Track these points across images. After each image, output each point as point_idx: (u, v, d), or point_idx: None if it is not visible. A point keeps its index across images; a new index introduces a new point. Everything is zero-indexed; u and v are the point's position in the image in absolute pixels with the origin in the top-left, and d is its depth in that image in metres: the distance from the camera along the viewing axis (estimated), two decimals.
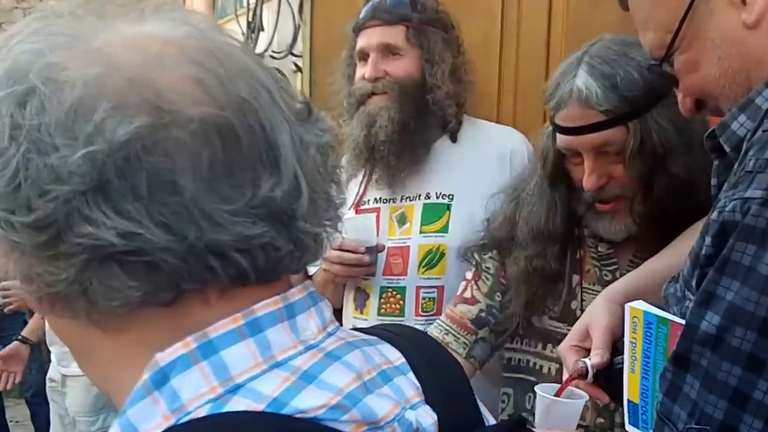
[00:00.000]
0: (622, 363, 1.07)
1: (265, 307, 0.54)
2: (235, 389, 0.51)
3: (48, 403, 3.58)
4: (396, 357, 0.61)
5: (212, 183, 0.49)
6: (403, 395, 0.58)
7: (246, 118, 0.51)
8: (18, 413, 4.38)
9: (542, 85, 1.36)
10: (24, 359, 3.26)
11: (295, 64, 3.56)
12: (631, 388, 1.05)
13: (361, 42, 1.75)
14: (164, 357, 0.52)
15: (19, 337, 3.26)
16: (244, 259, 0.51)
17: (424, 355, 0.64)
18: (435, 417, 0.58)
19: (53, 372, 3.04)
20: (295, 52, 3.54)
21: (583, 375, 1.10)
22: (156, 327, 0.53)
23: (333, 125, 0.59)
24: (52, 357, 3.04)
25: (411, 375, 0.60)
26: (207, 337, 0.52)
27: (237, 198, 0.50)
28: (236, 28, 4.33)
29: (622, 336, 1.07)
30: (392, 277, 1.74)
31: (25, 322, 3.41)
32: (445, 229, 1.70)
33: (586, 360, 1.11)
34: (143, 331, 0.54)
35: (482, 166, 1.72)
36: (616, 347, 1.12)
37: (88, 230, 0.48)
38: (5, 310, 3.01)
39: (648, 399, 1.02)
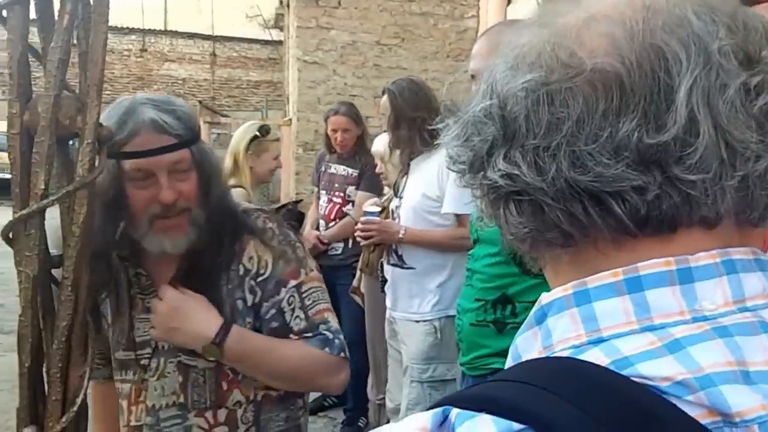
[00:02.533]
0: None
1: (651, 266, 0.56)
2: (598, 341, 0.55)
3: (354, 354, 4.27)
4: None
5: (586, 127, 0.55)
6: None
7: (648, 66, 0.54)
8: None
9: None
10: None
11: None
12: None
13: None
14: (547, 297, 0.60)
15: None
16: (616, 203, 0.55)
17: None
18: None
19: (389, 316, 3.34)
20: None
21: None
22: (558, 263, 0.62)
23: None
24: (388, 302, 3.32)
25: None
26: (585, 285, 0.57)
27: (602, 139, 0.55)
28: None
29: None
30: None
31: (354, 274, 4.08)
32: None
33: None
34: (551, 263, 0.64)
35: None
36: None
37: (489, 173, 0.60)
38: (361, 244, 3.52)
39: None
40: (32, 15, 1.19)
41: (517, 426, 0.50)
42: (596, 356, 0.53)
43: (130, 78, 22.48)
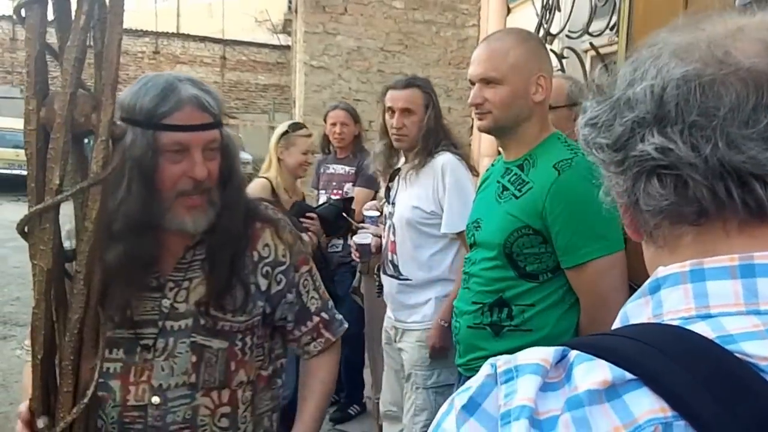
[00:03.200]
0: None
1: (766, 257, 0.60)
2: (706, 317, 0.59)
3: (351, 348, 4.20)
4: None
5: (738, 115, 0.60)
6: None
7: None
8: None
9: None
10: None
11: (591, 44, 3.70)
12: None
13: None
14: (663, 271, 0.64)
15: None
16: (759, 186, 0.60)
17: None
18: None
19: (388, 324, 3.24)
20: (591, 31, 3.68)
21: None
22: (678, 242, 0.66)
23: None
24: (388, 311, 3.22)
25: None
26: (702, 265, 0.62)
27: (761, 126, 0.59)
28: (530, 9, 4.56)
29: None
30: None
31: (354, 273, 4.05)
32: None
33: None
34: (670, 243, 0.67)
35: None
36: None
37: (639, 146, 0.64)
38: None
39: None
40: (50, 15, 1.18)
41: (629, 376, 0.56)
42: (703, 329, 0.58)
43: None
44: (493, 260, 2.07)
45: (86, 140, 1.24)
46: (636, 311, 0.65)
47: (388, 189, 3.26)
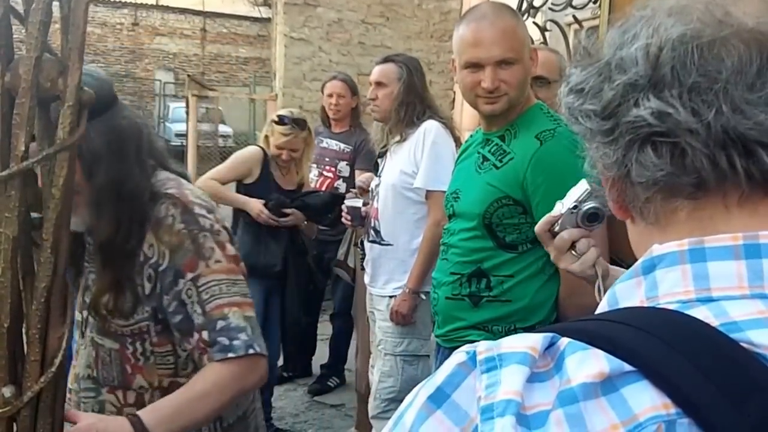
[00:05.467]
0: None
1: None
2: (707, 300, 0.55)
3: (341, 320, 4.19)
4: None
5: (742, 79, 0.57)
6: None
7: None
8: (324, 330, 4.77)
9: None
10: None
11: (574, 17, 3.69)
12: None
13: None
14: (659, 249, 0.59)
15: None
16: (766, 154, 0.56)
17: None
18: None
19: (368, 294, 3.28)
20: (574, 4, 3.67)
21: None
22: (672, 217, 0.62)
23: None
24: (366, 278, 3.26)
25: None
26: (702, 244, 0.57)
27: (763, 88, 0.56)
28: None
29: None
30: None
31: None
32: None
33: None
34: (662, 219, 0.63)
35: None
36: None
37: (633, 112, 0.59)
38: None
39: None
40: None
41: (627, 367, 0.52)
42: (704, 315, 0.54)
43: (122, 51, 22.31)
44: (472, 230, 2.07)
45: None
46: (627, 292, 0.60)
47: (376, 164, 3.32)
